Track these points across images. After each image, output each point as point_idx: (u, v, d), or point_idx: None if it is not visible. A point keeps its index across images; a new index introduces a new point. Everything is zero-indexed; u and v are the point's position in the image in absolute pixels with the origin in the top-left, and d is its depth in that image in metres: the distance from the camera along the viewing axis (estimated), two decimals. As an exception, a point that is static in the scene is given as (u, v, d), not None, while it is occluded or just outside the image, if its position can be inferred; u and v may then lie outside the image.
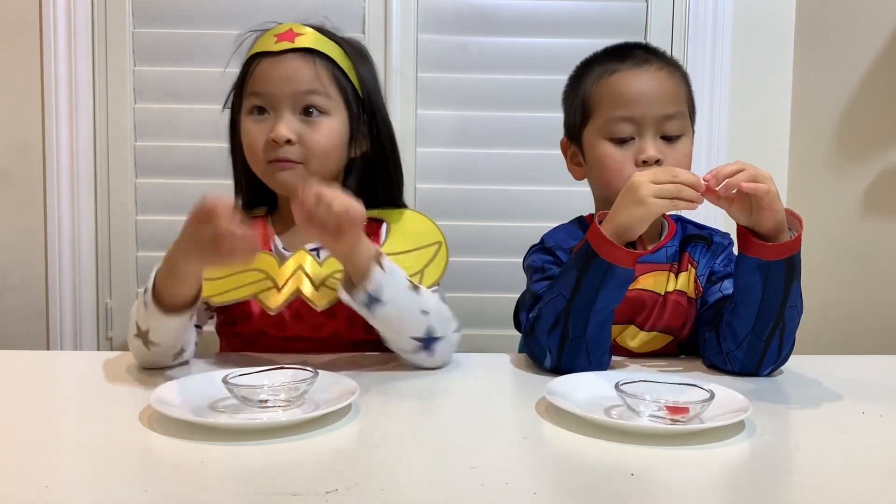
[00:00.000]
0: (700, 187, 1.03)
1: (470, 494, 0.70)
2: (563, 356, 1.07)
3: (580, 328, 1.06)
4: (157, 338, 1.04)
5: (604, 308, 1.06)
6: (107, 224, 1.86)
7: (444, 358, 1.10)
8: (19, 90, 1.82)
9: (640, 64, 1.18)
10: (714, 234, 1.25)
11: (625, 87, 1.16)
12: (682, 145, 1.17)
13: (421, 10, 1.84)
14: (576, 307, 1.05)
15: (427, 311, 1.07)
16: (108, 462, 0.77)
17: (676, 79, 1.19)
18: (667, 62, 1.20)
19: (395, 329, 1.07)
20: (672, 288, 1.20)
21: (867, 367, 1.17)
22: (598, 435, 0.83)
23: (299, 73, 1.16)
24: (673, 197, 1.02)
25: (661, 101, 1.16)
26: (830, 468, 0.78)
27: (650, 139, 1.15)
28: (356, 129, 1.21)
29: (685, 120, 1.18)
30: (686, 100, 1.20)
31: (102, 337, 1.88)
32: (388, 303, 1.03)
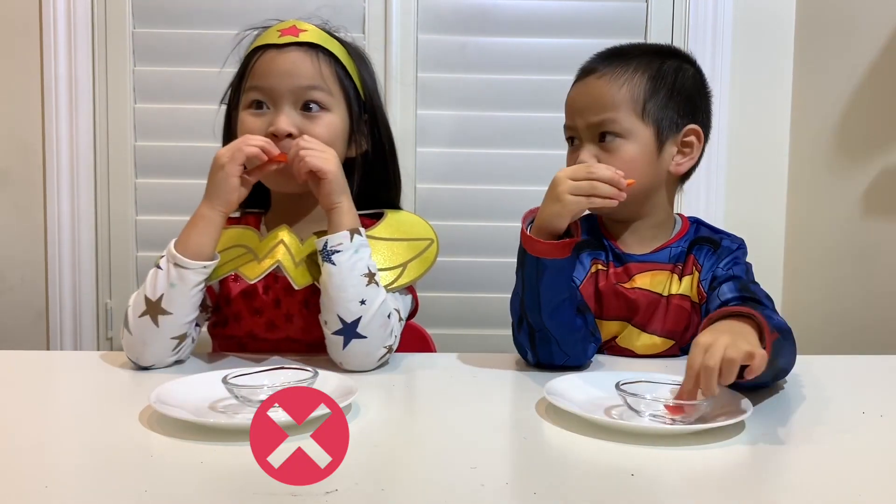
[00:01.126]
0: (619, 184, 1.05)
1: (470, 494, 0.70)
2: (538, 350, 1.11)
3: (538, 322, 1.09)
4: (172, 304, 1.06)
5: (551, 300, 1.08)
6: (107, 224, 1.86)
7: (355, 360, 1.09)
8: (19, 90, 1.82)
9: (586, 75, 1.21)
10: (724, 238, 1.25)
11: (568, 98, 1.24)
12: (621, 149, 1.16)
13: (421, 10, 1.84)
14: (527, 303, 1.09)
15: (367, 304, 1.08)
16: (108, 462, 0.77)
17: (619, 83, 1.17)
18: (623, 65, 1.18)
19: (331, 297, 1.08)
20: (675, 291, 1.20)
21: (867, 367, 1.17)
22: (598, 435, 0.83)
23: (301, 68, 1.16)
24: (588, 194, 1.05)
25: (589, 110, 1.18)
26: (830, 468, 0.78)
27: (586, 146, 1.19)
28: (356, 128, 1.21)
29: (619, 125, 1.16)
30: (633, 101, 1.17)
31: (102, 337, 1.88)
32: (336, 266, 1.08)
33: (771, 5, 1.89)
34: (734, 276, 1.18)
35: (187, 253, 1.08)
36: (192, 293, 1.08)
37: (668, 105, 1.19)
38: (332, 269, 1.08)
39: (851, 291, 1.79)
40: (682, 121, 1.20)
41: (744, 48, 1.88)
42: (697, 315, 1.20)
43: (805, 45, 1.88)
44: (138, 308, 1.08)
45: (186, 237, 1.09)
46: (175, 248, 1.08)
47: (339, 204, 1.11)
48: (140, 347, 1.08)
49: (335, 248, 1.08)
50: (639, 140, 1.17)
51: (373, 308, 1.08)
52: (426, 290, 1.71)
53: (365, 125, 1.23)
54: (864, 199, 1.75)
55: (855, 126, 1.78)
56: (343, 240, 1.08)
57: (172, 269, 1.07)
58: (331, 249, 1.08)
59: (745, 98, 1.90)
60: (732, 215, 1.89)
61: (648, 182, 1.19)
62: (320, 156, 1.10)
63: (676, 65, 1.23)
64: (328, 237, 1.09)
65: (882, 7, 1.70)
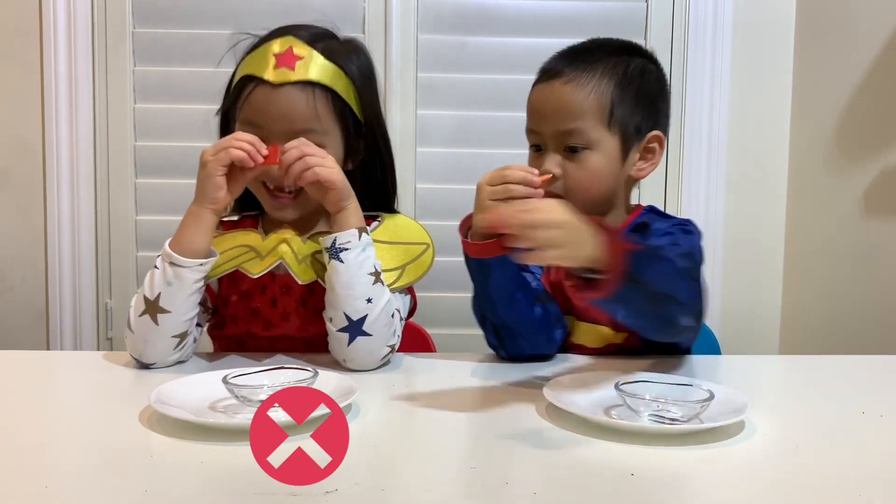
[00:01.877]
0: (532, 182, 1.05)
1: (470, 494, 0.70)
2: (506, 344, 1.15)
3: (497, 317, 1.13)
4: (170, 302, 1.07)
5: (502, 295, 1.12)
6: (107, 224, 1.86)
7: (359, 358, 1.09)
8: (19, 90, 1.82)
9: (551, 77, 1.18)
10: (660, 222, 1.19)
11: (531, 101, 1.22)
12: (587, 159, 1.15)
13: (421, 10, 1.84)
14: (484, 303, 1.14)
15: (374, 302, 1.09)
16: (108, 462, 0.77)
17: (586, 91, 1.15)
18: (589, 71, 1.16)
19: (338, 294, 1.08)
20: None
21: (867, 367, 1.17)
22: (598, 435, 0.83)
23: (296, 112, 1.12)
24: (504, 198, 1.05)
25: (557, 117, 1.16)
26: (830, 468, 0.78)
27: (550, 153, 1.17)
28: (352, 147, 1.20)
29: (587, 135, 1.15)
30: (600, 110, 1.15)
31: (102, 337, 1.88)
32: (344, 263, 1.08)
33: (771, 5, 1.89)
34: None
35: (182, 251, 1.08)
36: (190, 291, 1.08)
37: (633, 112, 1.18)
38: (339, 267, 1.08)
39: (851, 291, 1.79)
40: (645, 127, 1.19)
41: (744, 48, 1.88)
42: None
43: (805, 45, 1.88)
44: (138, 307, 1.08)
45: (180, 236, 1.09)
46: (170, 247, 1.09)
47: (347, 206, 1.11)
48: (142, 346, 1.08)
49: (343, 245, 1.08)
50: (605, 150, 1.16)
51: (379, 306, 1.09)
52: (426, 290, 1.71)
53: (362, 139, 1.21)
54: (864, 199, 1.75)
55: (855, 126, 1.78)
56: (351, 238, 1.09)
57: (168, 268, 1.07)
58: (339, 247, 1.08)
59: (745, 98, 1.90)
60: (732, 215, 1.89)
61: (611, 189, 1.18)
62: (326, 164, 1.09)
63: (641, 65, 1.21)
64: (337, 234, 1.09)
65: (882, 7, 1.70)
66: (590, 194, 1.16)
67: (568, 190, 1.15)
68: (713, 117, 1.88)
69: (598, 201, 1.17)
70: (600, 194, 1.17)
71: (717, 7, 1.86)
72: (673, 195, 1.90)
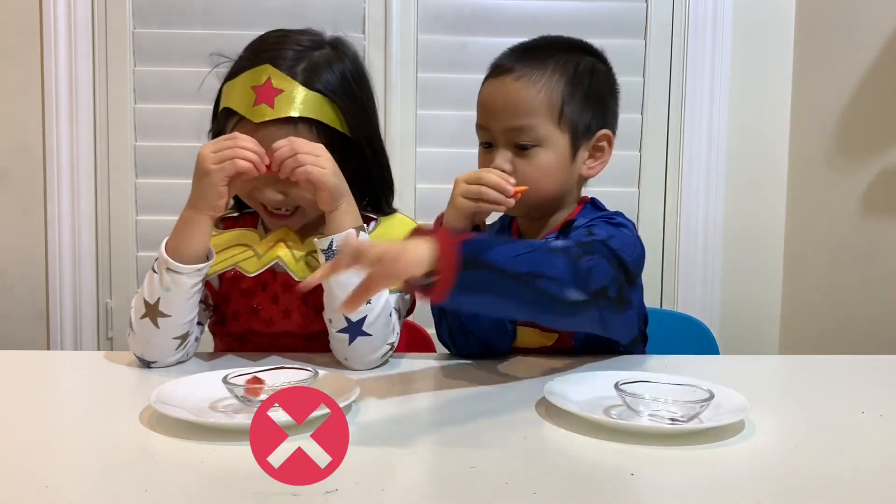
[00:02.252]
0: (505, 190, 1.08)
1: (470, 494, 0.70)
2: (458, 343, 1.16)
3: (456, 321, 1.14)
4: (169, 306, 1.06)
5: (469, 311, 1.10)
6: (107, 224, 1.86)
7: (360, 357, 1.10)
8: (19, 90, 1.82)
9: (501, 74, 1.18)
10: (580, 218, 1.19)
11: (481, 97, 1.21)
12: (537, 157, 1.15)
13: (421, 10, 1.84)
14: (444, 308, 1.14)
15: (373, 302, 1.08)
16: (108, 462, 0.77)
17: (536, 88, 1.15)
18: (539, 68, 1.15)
19: (336, 296, 1.07)
20: None
21: (867, 367, 1.17)
22: (598, 435, 0.83)
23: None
24: (476, 198, 1.09)
25: (507, 113, 1.15)
26: (830, 468, 0.78)
27: (501, 150, 1.17)
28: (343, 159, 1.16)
29: (536, 132, 1.14)
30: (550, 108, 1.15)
31: (102, 337, 1.89)
32: None
33: (771, 5, 1.89)
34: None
35: (179, 257, 1.07)
36: (189, 295, 1.08)
37: (583, 110, 1.17)
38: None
39: (851, 291, 1.79)
40: (594, 125, 1.19)
41: (744, 48, 1.88)
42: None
43: (805, 44, 1.88)
44: (139, 310, 1.08)
45: (177, 242, 1.08)
46: (166, 252, 1.07)
47: (340, 206, 1.10)
48: (143, 346, 1.09)
49: (341, 247, 1.08)
50: (554, 147, 1.16)
51: (378, 306, 1.08)
52: (426, 290, 1.71)
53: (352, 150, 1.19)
54: (864, 199, 1.75)
55: (855, 126, 1.78)
56: (349, 238, 1.08)
57: (166, 274, 1.07)
58: (336, 249, 1.08)
59: (745, 98, 1.90)
60: (732, 215, 1.88)
61: (560, 187, 1.18)
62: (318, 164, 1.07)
63: (591, 64, 1.20)
64: (333, 236, 1.09)
65: (882, 7, 1.70)
66: (540, 191, 1.15)
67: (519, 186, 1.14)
68: (713, 117, 1.88)
69: (549, 198, 1.17)
70: (550, 191, 1.16)
71: (717, 7, 1.86)
72: (673, 194, 1.89)
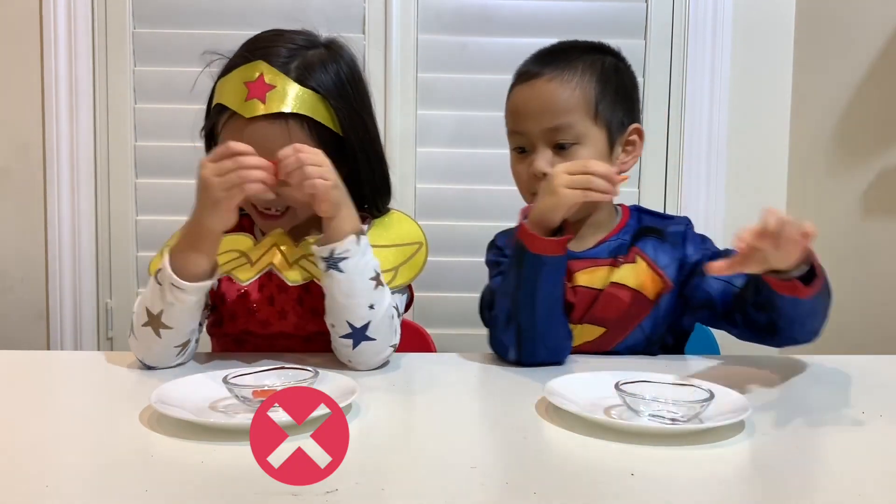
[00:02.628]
0: (613, 179, 1.07)
1: (470, 494, 0.70)
2: (522, 349, 1.11)
3: (530, 320, 1.09)
4: (171, 319, 1.06)
5: (546, 297, 1.10)
6: (107, 224, 1.86)
7: (364, 360, 1.09)
8: (19, 90, 1.82)
9: (532, 77, 1.19)
10: (669, 226, 1.23)
11: (513, 103, 1.22)
12: (577, 154, 1.16)
13: (421, 10, 1.84)
14: (521, 302, 1.10)
15: (376, 308, 1.08)
16: (108, 462, 0.77)
17: (571, 86, 1.16)
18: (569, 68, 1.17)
19: (339, 304, 1.07)
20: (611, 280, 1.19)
21: (867, 367, 1.17)
22: (598, 435, 0.83)
23: (270, 145, 1.07)
24: (583, 187, 1.06)
25: (545, 114, 1.16)
26: (830, 468, 0.78)
27: (540, 152, 1.17)
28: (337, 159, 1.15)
29: (575, 129, 1.16)
30: (586, 105, 1.16)
31: (102, 337, 1.89)
32: (344, 273, 1.06)
33: (771, 5, 1.89)
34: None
35: (184, 274, 1.04)
36: (192, 309, 1.08)
37: (614, 106, 1.19)
38: (339, 277, 1.06)
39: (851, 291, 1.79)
40: (626, 120, 1.21)
41: (744, 48, 1.88)
42: (639, 305, 1.18)
43: (805, 45, 1.88)
44: (141, 317, 1.08)
45: (183, 259, 1.05)
46: (171, 268, 1.04)
47: (339, 213, 1.07)
48: (145, 352, 1.09)
49: (342, 255, 1.06)
50: (594, 144, 1.17)
51: (381, 311, 1.08)
52: (426, 290, 1.71)
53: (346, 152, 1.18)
54: (864, 199, 1.75)
55: (855, 126, 1.78)
56: (350, 245, 1.06)
57: (169, 289, 1.05)
58: (338, 256, 1.06)
59: (745, 98, 1.90)
60: (732, 215, 1.89)
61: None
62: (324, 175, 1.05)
63: (614, 63, 1.22)
64: (334, 245, 1.05)
65: (882, 7, 1.70)
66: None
67: None
68: (713, 117, 1.88)
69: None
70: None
71: (717, 7, 1.86)
72: (673, 194, 1.90)
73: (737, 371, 1.12)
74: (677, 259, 1.20)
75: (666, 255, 1.20)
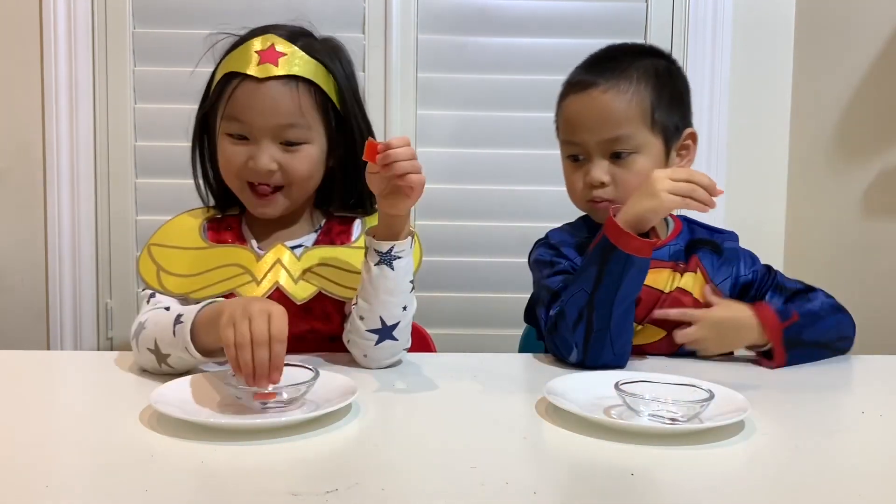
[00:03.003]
0: (715, 192, 1.07)
1: (470, 494, 0.70)
2: (589, 349, 1.10)
3: (604, 320, 1.09)
4: (178, 365, 1.03)
5: (626, 297, 1.09)
6: (107, 224, 1.86)
7: (381, 357, 1.10)
8: (19, 90, 1.82)
9: (587, 87, 1.18)
10: (725, 241, 1.26)
11: (569, 113, 1.21)
12: (634, 164, 1.17)
13: (421, 10, 1.84)
14: (599, 300, 1.09)
15: (408, 310, 1.10)
16: (108, 462, 0.77)
17: (627, 97, 1.17)
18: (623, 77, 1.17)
19: (380, 300, 1.07)
20: (676, 285, 1.20)
21: (867, 367, 1.17)
22: (598, 435, 0.83)
23: (281, 105, 1.12)
24: (686, 195, 1.06)
25: (602, 126, 1.17)
26: (830, 468, 0.78)
27: (596, 161, 1.18)
28: (334, 144, 1.19)
29: (634, 140, 1.17)
30: (643, 114, 1.17)
31: (102, 337, 1.88)
32: (395, 271, 1.07)
33: (771, 5, 1.89)
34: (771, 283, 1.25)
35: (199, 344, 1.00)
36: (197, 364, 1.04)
37: (670, 112, 1.20)
38: (389, 274, 1.06)
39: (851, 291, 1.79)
40: (681, 124, 1.22)
41: (744, 48, 1.88)
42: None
43: (805, 45, 1.88)
44: (147, 342, 1.04)
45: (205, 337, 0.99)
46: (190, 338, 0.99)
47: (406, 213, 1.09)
48: (144, 365, 1.07)
49: (399, 253, 1.07)
50: (651, 152, 1.18)
51: (409, 314, 1.10)
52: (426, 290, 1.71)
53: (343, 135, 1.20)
54: (864, 199, 1.75)
55: (855, 126, 1.78)
56: (406, 245, 1.08)
57: (181, 347, 1.00)
58: (395, 255, 1.06)
59: (745, 98, 1.90)
60: (732, 215, 1.88)
61: None
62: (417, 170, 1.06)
63: (665, 65, 1.23)
64: (395, 243, 1.06)
65: (882, 7, 1.70)
66: None
67: (619, 196, 1.17)
68: (713, 117, 1.88)
69: None
70: None
71: (717, 7, 1.86)
72: (673, 195, 1.89)
73: (737, 371, 1.12)
74: (732, 276, 1.24)
75: (723, 270, 1.23)
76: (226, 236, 1.21)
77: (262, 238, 1.21)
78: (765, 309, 1.14)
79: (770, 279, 1.25)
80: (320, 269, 1.15)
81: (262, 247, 1.19)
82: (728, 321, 1.14)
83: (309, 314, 1.15)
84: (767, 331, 1.12)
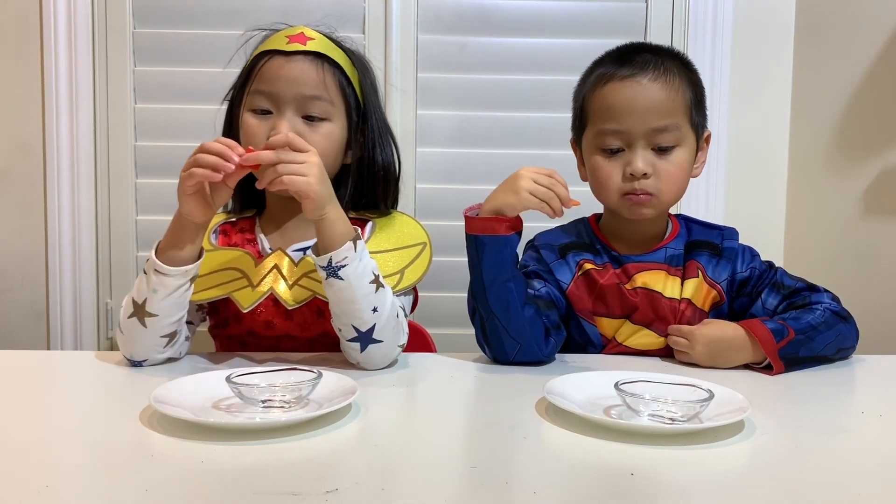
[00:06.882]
0: (567, 203, 1.09)
1: (470, 494, 0.70)
2: (491, 341, 1.12)
3: (485, 306, 1.11)
4: (156, 307, 1.06)
5: (493, 280, 1.10)
6: (107, 224, 1.86)
7: (374, 361, 1.10)
8: (19, 90, 1.82)
9: (634, 74, 1.16)
10: (724, 239, 1.26)
11: (614, 98, 1.17)
12: (676, 156, 1.17)
13: (421, 10, 1.84)
14: (474, 287, 1.13)
15: (379, 310, 1.08)
16: (108, 462, 0.77)
17: (674, 87, 1.17)
18: (667, 69, 1.17)
19: (343, 309, 1.08)
20: (684, 294, 1.21)
21: (867, 367, 1.17)
22: (598, 435, 0.83)
23: (307, 77, 1.16)
24: (543, 199, 1.08)
25: (652, 114, 1.15)
26: (830, 468, 0.78)
27: (639, 152, 1.16)
28: (353, 137, 1.22)
29: (679, 131, 1.17)
30: (686, 107, 1.18)
31: (102, 337, 1.88)
32: (345, 280, 1.06)
33: (771, 5, 1.89)
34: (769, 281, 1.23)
35: (166, 259, 1.07)
36: (175, 296, 1.08)
37: (699, 110, 1.21)
38: (340, 285, 1.06)
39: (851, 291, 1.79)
40: (703, 124, 1.23)
41: (744, 48, 1.88)
42: (698, 320, 1.20)
43: (805, 45, 1.88)
44: (127, 309, 1.09)
45: (165, 244, 1.08)
46: (155, 255, 1.07)
47: (326, 214, 1.05)
48: (131, 345, 1.09)
49: (341, 263, 1.05)
50: (689, 146, 1.19)
51: (384, 313, 1.08)
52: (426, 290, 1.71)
53: (362, 134, 1.23)
54: (863, 199, 1.75)
55: (854, 126, 1.78)
56: (348, 252, 1.05)
57: (153, 275, 1.07)
58: (337, 265, 1.05)
59: (745, 98, 1.90)
60: (732, 215, 1.88)
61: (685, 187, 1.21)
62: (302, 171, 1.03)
63: (692, 66, 1.24)
64: (332, 254, 1.05)
65: (882, 7, 1.70)
66: (678, 191, 1.19)
67: (660, 189, 1.17)
68: (713, 117, 1.87)
69: (678, 198, 1.20)
70: (683, 190, 1.20)
71: (717, 7, 1.86)
72: (673, 195, 1.89)
73: (737, 371, 1.12)
74: (730, 275, 1.23)
75: (721, 271, 1.23)
76: (235, 238, 1.21)
77: (275, 240, 1.22)
78: (758, 328, 1.11)
79: (769, 276, 1.24)
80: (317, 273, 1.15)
81: (272, 247, 1.20)
82: (722, 341, 1.12)
83: (321, 317, 1.15)
84: (763, 351, 1.10)
